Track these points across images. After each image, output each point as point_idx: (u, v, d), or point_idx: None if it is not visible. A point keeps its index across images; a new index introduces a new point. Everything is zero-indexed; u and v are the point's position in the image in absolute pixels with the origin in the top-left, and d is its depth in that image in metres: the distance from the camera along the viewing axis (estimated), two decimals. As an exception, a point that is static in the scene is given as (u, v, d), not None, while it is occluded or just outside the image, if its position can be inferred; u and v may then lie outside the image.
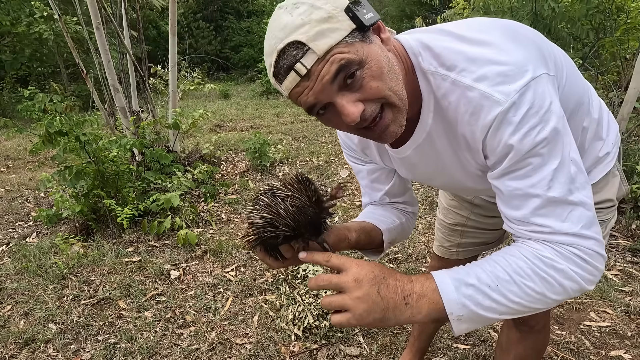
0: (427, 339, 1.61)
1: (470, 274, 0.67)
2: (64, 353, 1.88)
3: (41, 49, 9.94)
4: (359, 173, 1.06)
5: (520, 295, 0.65)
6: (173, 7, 3.81)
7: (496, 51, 0.67)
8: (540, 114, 0.64)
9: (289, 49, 0.63)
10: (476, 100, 0.67)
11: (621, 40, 3.64)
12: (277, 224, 0.73)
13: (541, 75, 0.66)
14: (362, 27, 0.64)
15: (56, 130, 2.70)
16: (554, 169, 0.65)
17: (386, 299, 0.66)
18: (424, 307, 0.66)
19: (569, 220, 0.65)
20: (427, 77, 0.73)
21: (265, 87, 10.96)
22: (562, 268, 0.65)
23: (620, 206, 2.85)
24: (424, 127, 0.78)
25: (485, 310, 0.66)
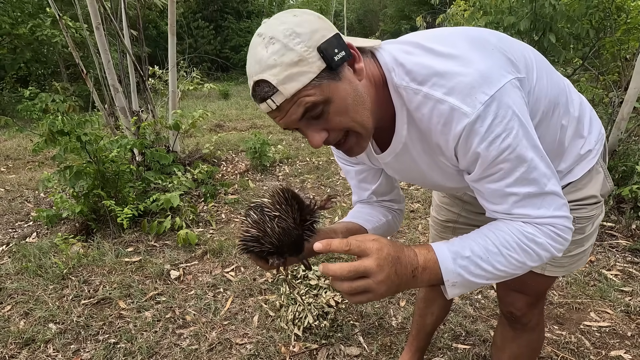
0: (426, 338, 1.61)
1: (465, 247, 0.77)
2: (64, 353, 1.88)
3: (41, 50, 9.93)
4: (347, 173, 1.12)
5: (505, 265, 0.76)
6: (172, 7, 3.81)
7: (463, 63, 0.73)
8: (504, 123, 0.71)
9: (262, 84, 0.70)
10: (447, 113, 0.73)
11: (621, 41, 3.64)
12: (262, 241, 0.80)
13: (505, 84, 0.72)
14: (332, 67, 0.70)
15: (58, 129, 2.70)
16: (524, 170, 0.73)
17: (400, 276, 0.72)
18: (426, 277, 0.75)
19: (543, 207, 0.76)
20: (399, 92, 0.78)
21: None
22: (541, 242, 0.76)
23: (620, 206, 2.84)
24: (400, 138, 0.85)
25: (476, 277, 0.76)
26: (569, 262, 1.07)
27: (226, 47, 16.94)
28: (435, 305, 1.51)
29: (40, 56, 10.18)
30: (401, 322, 2.00)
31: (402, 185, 3.97)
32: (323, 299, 2.06)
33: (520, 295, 1.13)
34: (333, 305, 2.04)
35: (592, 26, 3.35)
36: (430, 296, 1.51)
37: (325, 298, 2.06)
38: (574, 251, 1.06)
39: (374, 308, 2.10)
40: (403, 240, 2.84)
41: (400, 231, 2.98)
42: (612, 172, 2.91)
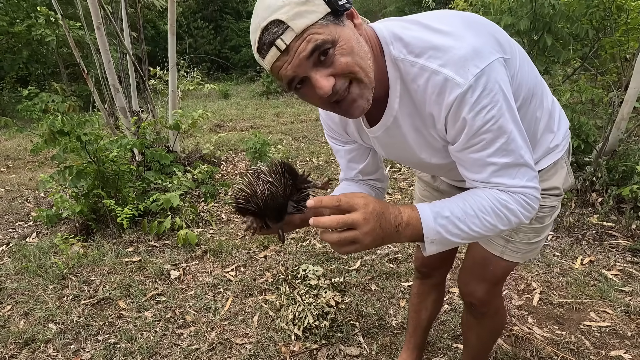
0: (423, 334, 1.65)
1: (445, 208, 0.84)
2: (64, 353, 1.88)
3: (40, 50, 9.93)
4: (337, 152, 1.19)
5: (479, 226, 0.84)
6: (172, 7, 3.81)
7: (457, 38, 0.79)
8: (491, 95, 0.77)
9: (270, 27, 0.72)
10: (441, 83, 0.78)
11: (621, 41, 3.64)
12: (249, 199, 0.89)
13: (494, 61, 0.78)
14: (336, 11, 0.74)
15: (58, 129, 2.70)
16: (504, 141, 0.80)
17: (384, 230, 0.79)
18: (409, 233, 0.82)
19: (517, 177, 0.84)
20: (396, 64, 0.83)
21: (266, 87, 10.96)
22: (512, 208, 0.84)
23: (620, 206, 2.85)
24: (391, 111, 0.90)
25: (453, 235, 0.83)
26: (526, 249, 1.16)
27: (226, 47, 16.93)
28: (429, 300, 1.58)
29: (39, 56, 10.17)
30: (401, 322, 2.00)
31: (405, 188, 3.97)
32: (323, 299, 2.06)
33: (479, 285, 1.23)
34: (333, 305, 2.04)
35: (592, 26, 3.35)
36: (422, 290, 1.58)
37: (325, 298, 2.06)
38: (532, 239, 1.14)
39: (374, 308, 2.10)
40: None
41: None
42: (612, 172, 2.91)
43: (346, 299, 2.17)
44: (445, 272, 1.58)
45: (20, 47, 9.64)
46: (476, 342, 1.42)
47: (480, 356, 1.50)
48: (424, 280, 1.56)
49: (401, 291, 2.25)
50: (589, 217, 2.83)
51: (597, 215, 2.83)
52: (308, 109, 8.71)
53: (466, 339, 1.47)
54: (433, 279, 1.55)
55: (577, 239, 2.70)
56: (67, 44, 9.09)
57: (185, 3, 15.89)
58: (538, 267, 2.44)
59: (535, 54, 3.31)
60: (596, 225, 2.77)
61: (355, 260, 2.56)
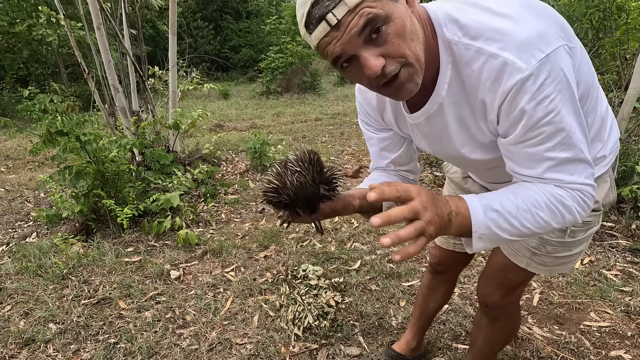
0: (428, 320, 1.67)
1: (495, 201, 0.77)
2: (64, 353, 1.88)
3: (40, 50, 9.93)
4: (370, 140, 1.13)
5: (532, 222, 0.77)
6: (173, 7, 3.81)
7: (519, 22, 0.72)
8: (555, 84, 0.70)
9: (322, 0, 0.68)
10: (499, 67, 0.72)
11: (621, 41, 3.64)
12: (280, 192, 0.86)
13: (559, 47, 0.71)
14: None
15: (57, 130, 2.70)
16: (565, 135, 0.73)
17: (441, 218, 0.73)
18: (459, 222, 0.75)
19: (575, 174, 0.77)
20: (450, 47, 0.78)
21: (265, 87, 10.96)
22: (569, 205, 0.77)
23: (620, 206, 2.84)
24: (437, 98, 0.84)
25: (502, 231, 0.76)
26: (552, 262, 1.09)
27: (226, 47, 16.91)
28: (438, 293, 1.58)
29: (39, 56, 10.17)
30: (401, 322, 2.00)
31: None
32: (323, 299, 2.06)
33: (496, 289, 1.20)
34: (333, 305, 2.04)
35: (591, 26, 3.35)
36: (433, 284, 1.57)
37: (325, 298, 2.06)
38: (561, 253, 1.07)
39: (374, 308, 2.10)
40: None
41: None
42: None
43: (346, 299, 2.17)
44: (459, 270, 1.58)
45: (20, 47, 9.63)
46: (483, 345, 1.39)
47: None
48: (437, 276, 1.56)
49: (401, 291, 2.25)
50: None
51: (597, 215, 2.82)
52: (308, 109, 8.71)
53: (474, 340, 1.44)
54: (446, 275, 1.55)
55: (577, 239, 2.69)
56: (67, 44, 9.09)
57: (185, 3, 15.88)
58: (538, 267, 2.44)
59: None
60: (596, 225, 2.77)
61: (355, 260, 2.56)
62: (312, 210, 0.89)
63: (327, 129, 6.69)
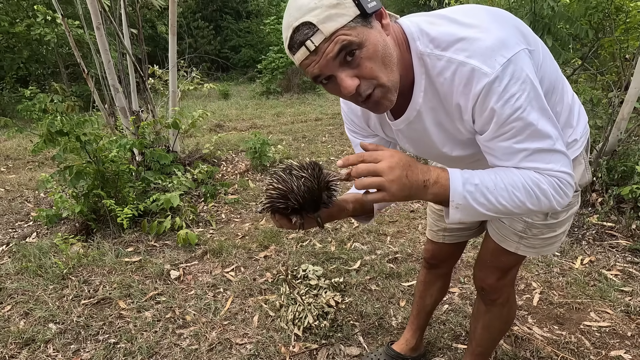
0: (426, 317, 1.70)
1: (476, 176, 0.84)
2: (64, 353, 1.88)
3: (39, 50, 9.92)
4: (357, 146, 1.19)
5: (507, 200, 0.83)
6: (173, 7, 3.81)
7: (483, 31, 0.81)
8: (519, 84, 0.79)
9: (302, 28, 0.76)
10: (468, 73, 0.80)
11: (620, 40, 3.64)
12: (289, 196, 0.91)
13: (520, 51, 0.80)
14: (365, 13, 0.77)
15: (57, 130, 2.70)
16: (534, 128, 0.81)
17: (411, 181, 0.80)
18: (435, 190, 0.83)
19: (552, 162, 0.83)
20: (422, 59, 0.86)
21: (265, 87, 10.96)
22: (544, 188, 0.83)
23: (620, 206, 2.85)
24: (415, 105, 0.92)
25: (478, 205, 0.83)
26: (540, 244, 1.17)
27: (226, 47, 16.91)
28: (434, 288, 1.63)
29: (39, 56, 10.16)
30: (401, 322, 2.00)
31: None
32: (323, 299, 2.06)
33: (491, 271, 1.27)
34: (333, 305, 2.05)
35: (590, 26, 3.36)
36: (429, 279, 1.62)
37: (325, 298, 2.06)
38: (546, 234, 1.15)
39: (374, 308, 2.10)
40: (403, 240, 2.84)
41: (400, 231, 2.98)
42: (612, 172, 2.91)
43: (346, 299, 2.17)
44: (452, 264, 1.62)
45: (20, 47, 9.62)
46: (481, 333, 1.43)
47: (482, 355, 1.51)
48: (431, 270, 1.61)
49: (401, 291, 2.25)
50: (589, 217, 2.83)
51: (597, 215, 2.83)
52: (308, 109, 8.71)
53: (472, 331, 1.49)
54: (440, 269, 1.60)
55: (577, 239, 2.70)
56: (67, 43, 9.08)
57: (185, 3, 15.88)
58: (538, 267, 2.44)
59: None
60: (596, 225, 2.77)
61: (355, 260, 2.56)
62: (315, 210, 0.96)
63: (327, 129, 6.69)
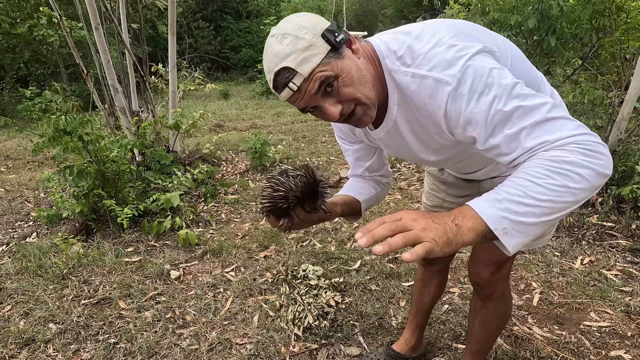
0: (425, 316, 1.71)
1: (499, 192, 0.74)
2: (64, 353, 1.88)
3: (40, 50, 9.92)
4: (346, 151, 1.29)
5: (547, 194, 0.71)
6: (172, 7, 3.80)
7: (444, 45, 0.85)
8: (483, 80, 0.80)
9: (282, 72, 0.83)
10: (432, 85, 0.84)
11: (621, 40, 3.63)
12: (288, 195, 0.98)
13: (476, 52, 0.82)
14: (335, 47, 0.84)
15: (61, 129, 2.70)
16: (520, 109, 0.78)
17: (441, 224, 0.70)
18: (469, 224, 0.71)
19: (559, 130, 0.76)
20: (392, 75, 0.91)
21: (265, 87, 10.96)
22: (572, 159, 0.72)
23: (620, 206, 2.84)
24: (391, 116, 0.98)
25: (523, 216, 0.71)
26: None
27: (226, 47, 16.92)
28: (432, 285, 1.64)
29: (40, 56, 10.16)
30: (401, 322, 2.00)
31: (405, 188, 3.97)
32: (323, 299, 2.06)
33: (485, 266, 1.29)
34: (333, 305, 2.04)
35: (592, 27, 3.36)
36: (426, 276, 1.64)
37: (325, 298, 2.06)
38: None
39: (374, 308, 2.10)
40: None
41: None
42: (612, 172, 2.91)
43: (346, 299, 2.17)
44: (448, 260, 1.64)
45: (21, 48, 9.62)
46: (479, 330, 1.45)
47: (481, 352, 1.51)
48: (428, 267, 1.63)
49: (401, 291, 2.25)
50: (588, 217, 2.83)
51: (597, 215, 2.83)
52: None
53: (470, 330, 1.50)
54: (436, 266, 1.61)
55: (577, 239, 2.70)
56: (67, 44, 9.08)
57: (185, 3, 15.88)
58: (538, 267, 2.44)
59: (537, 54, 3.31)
60: (596, 225, 2.77)
61: (355, 260, 2.56)
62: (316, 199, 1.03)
63: (327, 129, 6.69)
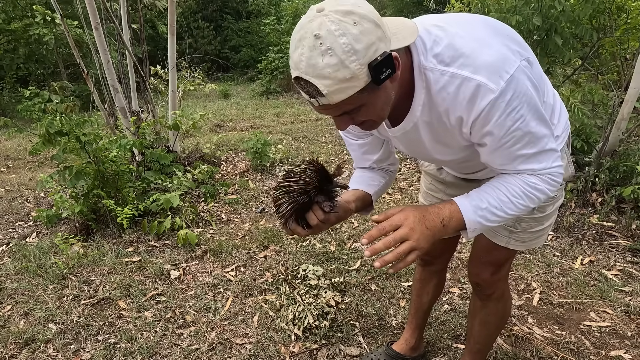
0: (424, 315, 1.71)
1: (483, 199, 0.95)
2: (64, 353, 1.88)
3: (39, 50, 9.91)
4: (351, 146, 1.26)
5: (514, 209, 0.95)
6: (172, 7, 3.80)
7: (484, 46, 0.85)
8: (520, 97, 0.84)
9: (310, 84, 0.77)
10: (474, 89, 0.84)
11: (621, 40, 3.63)
12: (306, 188, 0.97)
13: (519, 65, 0.85)
14: (376, 83, 0.78)
15: (56, 130, 2.69)
16: (532, 135, 0.88)
17: (431, 229, 0.92)
18: (453, 225, 0.94)
19: (544, 161, 0.92)
20: (425, 74, 0.88)
21: (265, 87, 10.96)
22: (541, 188, 0.94)
23: (620, 206, 2.85)
24: (412, 118, 0.96)
25: (491, 222, 0.95)
26: (529, 237, 1.23)
27: (226, 47, 16.90)
28: (430, 285, 1.64)
29: (39, 56, 10.14)
30: (401, 322, 2.00)
31: (405, 188, 3.97)
32: (323, 299, 2.06)
33: (485, 267, 1.31)
34: (333, 305, 2.04)
35: (592, 27, 3.35)
36: (424, 277, 1.65)
37: (325, 298, 2.06)
38: (535, 228, 1.21)
39: (374, 308, 2.10)
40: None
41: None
42: (612, 172, 2.91)
43: (346, 299, 2.17)
44: (446, 259, 1.65)
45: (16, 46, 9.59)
46: (479, 330, 1.45)
47: (481, 352, 1.52)
48: (426, 267, 1.63)
49: (401, 291, 2.25)
50: (589, 217, 2.83)
51: (597, 215, 2.83)
52: (308, 109, 8.71)
53: (470, 330, 1.50)
54: (434, 266, 1.61)
55: (577, 239, 2.70)
56: (66, 43, 9.07)
57: (185, 3, 15.87)
58: (538, 267, 2.44)
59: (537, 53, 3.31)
60: (596, 225, 2.77)
61: (355, 260, 2.56)
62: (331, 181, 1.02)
63: (327, 129, 6.69)
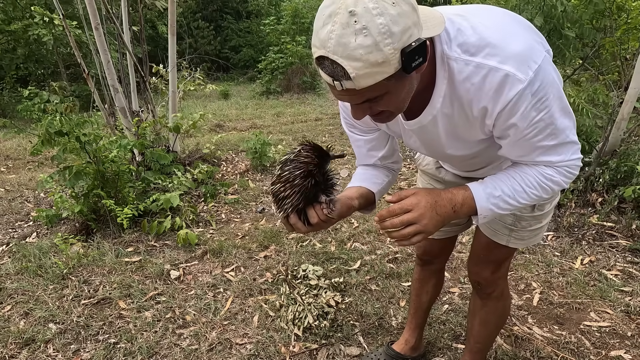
0: (423, 315, 1.72)
1: (497, 187, 0.94)
2: (64, 353, 1.88)
3: (39, 50, 9.90)
4: (356, 142, 1.22)
5: (526, 199, 0.94)
6: (172, 7, 3.80)
7: (510, 36, 0.82)
8: (547, 88, 0.82)
9: (337, 65, 0.71)
10: (501, 79, 0.80)
11: (621, 40, 3.63)
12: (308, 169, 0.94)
13: (545, 55, 0.83)
14: (406, 71, 0.73)
15: (56, 130, 2.69)
16: (554, 127, 0.86)
17: (442, 214, 0.92)
18: (465, 211, 0.94)
19: (563, 153, 0.90)
20: (448, 63, 0.84)
21: (265, 87, 10.95)
22: (557, 180, 0.93)
23: (620, 206, 2.84)
24: (432, 110, 0.92)
25: (503, 210, 0.95)
26: (528, 236, 1.23)
27: (226, 47, 16.89)
28: (429, 285, 1.64)
29: (38, 56, 10.14)
30: (401, 322, 2.00)
31: (405, 188, 3.96)
32: (323, 299, 2.06)
33: (485, 265, 1.32)
34: (333, 305, 2.04)
35: (592, 27, 3.35)
36: (423, 276, 1.65)
37: (325, 298, 2.06)
38: (534, 226, 1.21)
39: (374, 308, 2.10)
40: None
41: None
42: (612, 172, 2.91)
43: (346, 299, 2.17)
44: (445, 259, 1.65)
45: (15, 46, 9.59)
46: (479, 329, 1.46)
47: (481, 351, 1.52)
48: (425, 267, 1.63)
49: (401, 291, 2.25)
50: (589, 217, 2.83)
51: (597, 215, 2.83)
52: (308, 109, 8.71)
53: (470, 329, 1.51)
54: (433, 265, 1.61)
55: (577, 239, 2.70)
56: (65, 44, 9.07)
57: (185, 3, 15.87)
58: (538, 267, 2.44)
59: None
60: (596, 225, 2.77)
61: (355, 260, 2.56)
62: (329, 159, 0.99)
63: (327, 129, 6.69)
